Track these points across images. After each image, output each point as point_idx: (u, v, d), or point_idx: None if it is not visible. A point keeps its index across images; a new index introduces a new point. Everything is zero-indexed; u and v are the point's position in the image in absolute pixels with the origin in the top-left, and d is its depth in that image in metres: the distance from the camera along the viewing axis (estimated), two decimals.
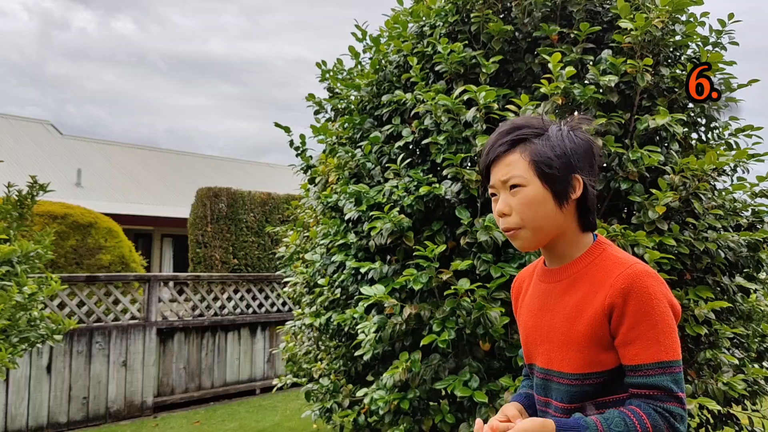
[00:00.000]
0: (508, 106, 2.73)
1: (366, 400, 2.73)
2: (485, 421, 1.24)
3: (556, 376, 1.27)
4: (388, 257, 3.04)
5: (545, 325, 1.30)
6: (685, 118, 2.78)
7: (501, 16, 3.13)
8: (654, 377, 1.14)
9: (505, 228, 1.24)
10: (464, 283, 2.53)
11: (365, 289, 2.69)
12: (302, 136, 3.92)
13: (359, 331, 2.78)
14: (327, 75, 3.94)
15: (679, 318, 1.21)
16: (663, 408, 1.14)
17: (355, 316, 2.85)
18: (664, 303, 1.17)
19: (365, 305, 2.79)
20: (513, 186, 1.21)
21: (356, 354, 2.85)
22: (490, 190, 1.28)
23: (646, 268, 1.18)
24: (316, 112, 3.91)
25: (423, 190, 2.74)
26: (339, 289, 3.25)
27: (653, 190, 2.58)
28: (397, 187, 2.86)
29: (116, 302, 6.11)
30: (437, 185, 2.77)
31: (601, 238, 1.30)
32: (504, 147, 1.23)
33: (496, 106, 2.71)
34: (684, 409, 1.15)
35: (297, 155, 3.94)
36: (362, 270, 2.89)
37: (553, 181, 1.20)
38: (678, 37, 2.92)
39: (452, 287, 2.54)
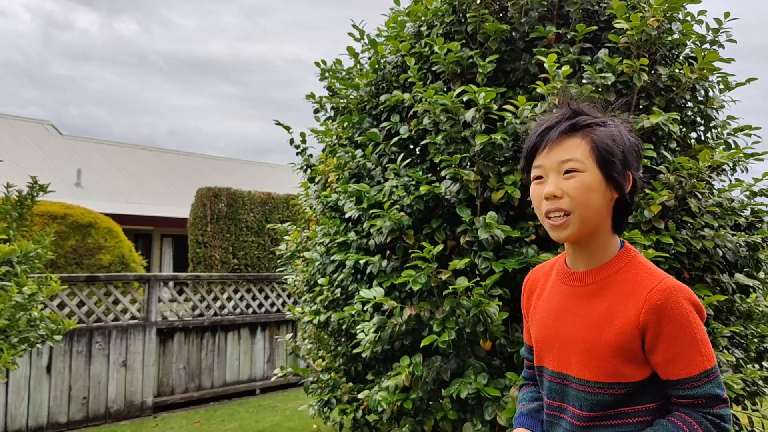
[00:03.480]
0: (506, 106, 2.73)
1: (369, 403, 2.73)
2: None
3: (575, 382, 1.23)
4: (388, 253, 3.04)
5: (565, 329, 1.26)
6: (679, 116, 2.79)
7: (498, 16, 3.13)
8: (702, 387, 1.16)
9: (554, 209, 1.18)
10: (462, 281, 2.53)
11: (364, 292, 2.69)
12: (302, 135, 3.93)
13: (359, 331, 2.78)
14: (326, 74, 3.94)
15: (705, 318, 1.21)
16: (713, 414, 1.16)
17: (353, 312, 2.86)
18: (695, 314, 1.17)
19: (361, 302, 2.79)
20: (569, 171, 1.17)
21: (355, 352, 2.85)
22: (534, 172, 1.23)
23: (676, 282, 1.18)
24: (316, 111, 3.92)
25: (423, 189, 2.75)
26: (339, 289, 3.25)
27: (648, 190, 2.58)
28: (397, 186, 2.87)
29: (116, 302, 6.11)
30: (437, 184, 2.77)
31: (628, 244, 1.27)
32: (566, 130, 1.19)
33: (495, 106, 2.71)
34: (729, 407, 1.18)
35: (297, 153, 3.94)
36: (361, 262, 2.89)
37: (613, 170, 1.17)
38: (675, 36, 2.92)
39: (451, 287, 2.54)
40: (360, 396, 2.86)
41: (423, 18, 3.30)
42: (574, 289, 1.27)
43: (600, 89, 2.68)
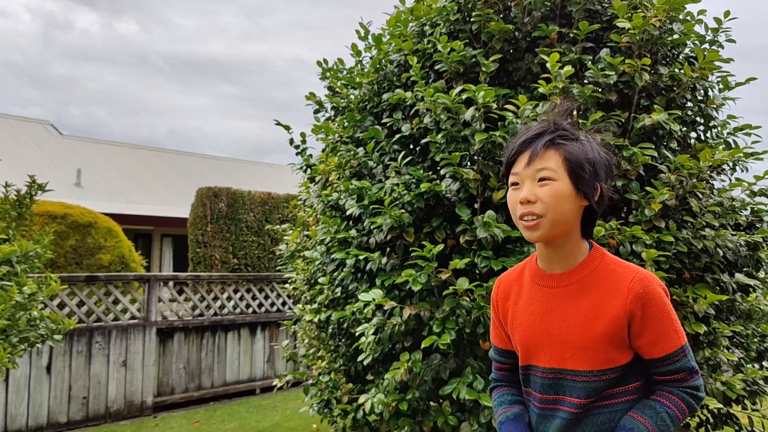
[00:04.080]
0: (507, 106, 2.73)
1: (367, 407, 2.73)
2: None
3: (570, 374, 1.34)
4: (388, 251, 3.04)
5: (554, 327, 1.36)
6: (680, 114, 2.78)
7: (501, 16, 3.13)
8: (680, 362, 1.32)
9: (527, 213, 1.29)
10: (463, 282, 2.53)
11: (363, 295, 2.69)
12: (303, 134, 3.92)
13: (360, 333, 2.77)
14: (327, 73, 3.94)
15: (669, 299, 1.36)
16: (690, 387, 1.33)
17: (355, 310, 2.85)
18: (665, 296, 1.33)
19: (363, 303, 2.79)
20: (543, 179, 1.29)
21: (359, 359, 2.86)
22: (512, 178, 1.34)
23: (647, 272, 1.34)
24: (316, 111, 3.91)
25: (423, 187, 2.74)
26: (339, 288, 3.25)
27: (649, 189, 2.58)
28: (397, 184, 2.86)
29: (116, 302, 6.11)
30: (437, 182, 2.77)
31: (596, 245, 1.41)
32: (543, 144, 1.31)
33: (495, 105, 2.71)
34: (701, 376, 1.36)
35: (297, 153, 3.94)
36: (361, 259, 2.89)
37: (581, 181, 1.30)
38: (676, 36, 2.92)
39: (451, 287, 2.54)
40: (360, 400, 2.87)
41: (427, 17, 3.30)
42: (555, 290, 1.38)
43: (602, 89, 2.68)
